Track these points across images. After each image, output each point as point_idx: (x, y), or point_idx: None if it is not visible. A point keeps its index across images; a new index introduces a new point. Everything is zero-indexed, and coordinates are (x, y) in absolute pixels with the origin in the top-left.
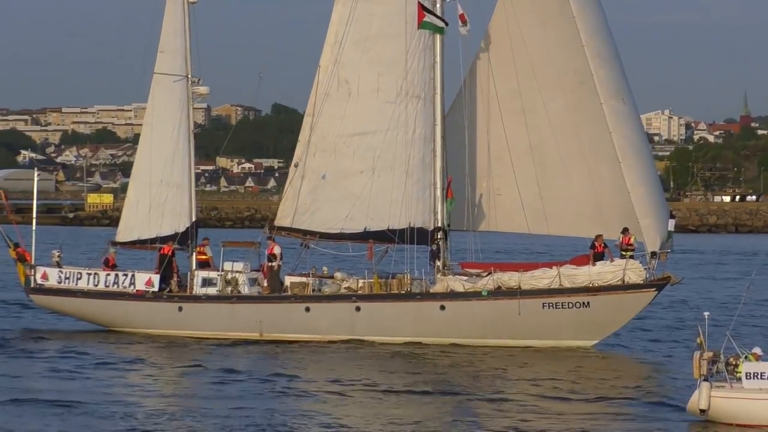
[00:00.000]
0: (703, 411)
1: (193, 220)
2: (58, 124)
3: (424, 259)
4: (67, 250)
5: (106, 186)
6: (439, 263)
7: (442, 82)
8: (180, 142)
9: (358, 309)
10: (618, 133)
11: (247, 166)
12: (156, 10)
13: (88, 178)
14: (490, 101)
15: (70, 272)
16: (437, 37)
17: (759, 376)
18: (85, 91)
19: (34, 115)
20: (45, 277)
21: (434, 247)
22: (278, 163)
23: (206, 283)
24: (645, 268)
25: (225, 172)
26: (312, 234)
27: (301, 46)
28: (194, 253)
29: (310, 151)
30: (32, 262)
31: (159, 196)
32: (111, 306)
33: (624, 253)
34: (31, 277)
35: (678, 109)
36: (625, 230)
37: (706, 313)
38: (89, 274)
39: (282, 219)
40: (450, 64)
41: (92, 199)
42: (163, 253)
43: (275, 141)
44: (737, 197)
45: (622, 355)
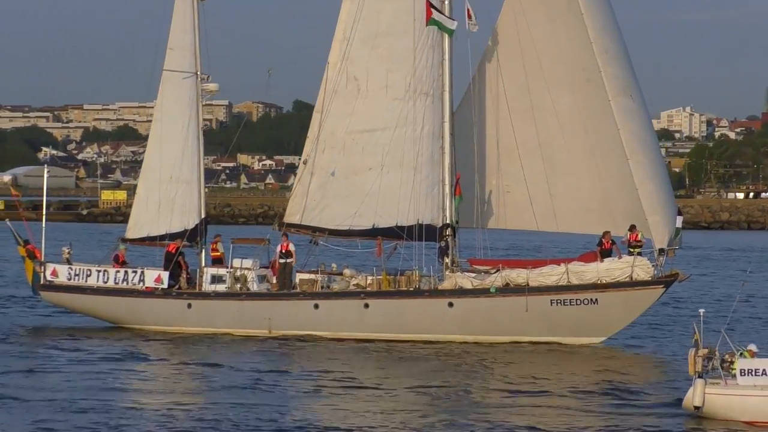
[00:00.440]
0: (697, 408)
1: (203, 216)
2: (80, 121)
3: (432, 256)
4: (79, 247)
5: (126, 183)
6: (447, 260)
7: (450, 79)
8: (189, 139)
9: (367, 306)
10: (626, 130)
11: (268, 162)
12: (166, 7)
13: (109, 175)
14: (498, 98)
15: (80, 269)
16: (445, 35)
17: (753, 373)
18: (106, 88)
19: (56, 112)
20: (55, 273)
21: (443, 244)
22: (299, 159)
23: (215, 280)
24: (653, 265)
25: (246, 169)
26: (321, 231)
27: (322, 41)
28: (203, 250)
29: (318, 148)
30: (42, 259)
31: (168, 192)
32: (120, 303)
33: (632, 250)
34: (41, 274)
35: (700, 107)
36: (633, 227)
37: (702, 310)
38: (99, 271)
39: (291, 216)
40: (458, 61)
41: (106, 195)
42: (169, 251)
43: (296, 137)
44: (751, 194)
45: (626, 352)
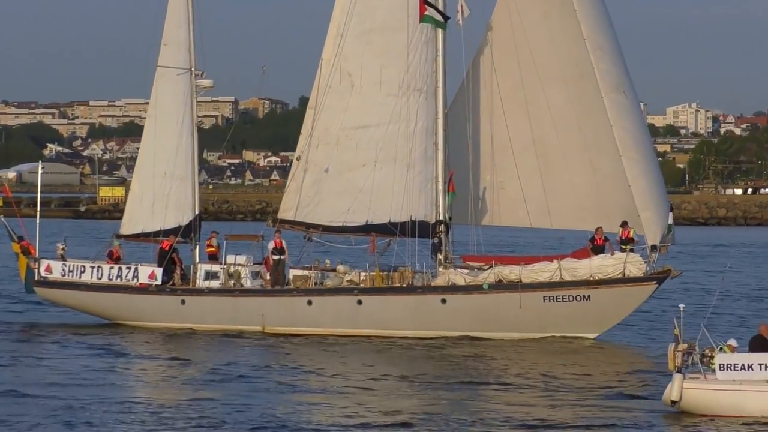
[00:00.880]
0: (674, 402)
1: (197, 212)
2: (86, 118)
3: (426, 253)
4: (75, 243)
5: (131, 179)
6: (440, 256)
7: (444, 75)
8: (184, 135)
9: (360, 302)
10: (619, 126)
11: (273, 159)
12: (160, 3)
13: (114, 172)
14: (492, 94)
15: (74, 265)
16: (439, 30)
17: (732, 368)
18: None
19: (62, 109)
20: (49, 269)
21: (436, 241)
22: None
23: (209, 276)
24: (645, 262)
25: (251, 166)
26: (315, 227)
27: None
28: (197, 246)
29: (312, 144)
30: (36, 255)
31: (163, 188)
32: (114, 299)
33: (624, 247)
34: (35, 271)
35: (707, 103)
36: (624, 224)
37: (682, 305)
38: (93, 267)
39: (285, 212)
40: (452, 57)
41: (104, 192)
42: (163, 248)
43: None
44: (749, 190)
45: (615, 347)
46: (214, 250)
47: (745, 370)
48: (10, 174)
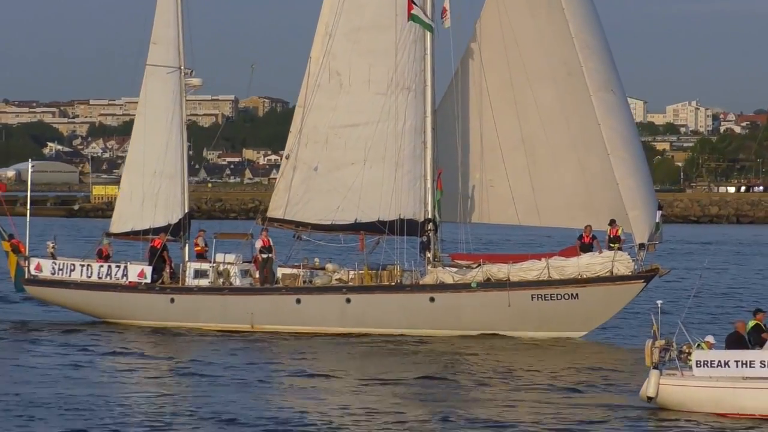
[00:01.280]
0: (650, 398)
1: (186, 211)
2: (86, 116)
3: (414, 251)
4: (65, 242)
5: None
6: (429, 255)
7: (432, 74)
8: (173, 134)
9: (349, 300)
10: (607, 125)
11: (273, 157)
12: (151, 2)
13: (114, 170)
14: (481, 93)
15: (64, 263)
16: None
17: (709, 365)
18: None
19: (62, 107)
20: (39, 268)
21: (424, 239)
22: None
23: (198, 274)
24: (633, 260)
25: (251, 164)
26: (304, 225)
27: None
28: (186, 245)
29: (301, 143)
30: (26, 254)
31: (152, 187)
32: (103, 297)
33: (612, 245)
34: (25, 269)
35: (707, 101)
36: (612, 222)
37: (659, 302)
38: (82, 266)
39: (274, 210)
40: (441, 56)
41: (97, 190)
42: (154, 245)
43: None
44: (743, 188)
45: (600, 344)
46: (200, 249)
47: (721, 366)
48: (9, 173)
